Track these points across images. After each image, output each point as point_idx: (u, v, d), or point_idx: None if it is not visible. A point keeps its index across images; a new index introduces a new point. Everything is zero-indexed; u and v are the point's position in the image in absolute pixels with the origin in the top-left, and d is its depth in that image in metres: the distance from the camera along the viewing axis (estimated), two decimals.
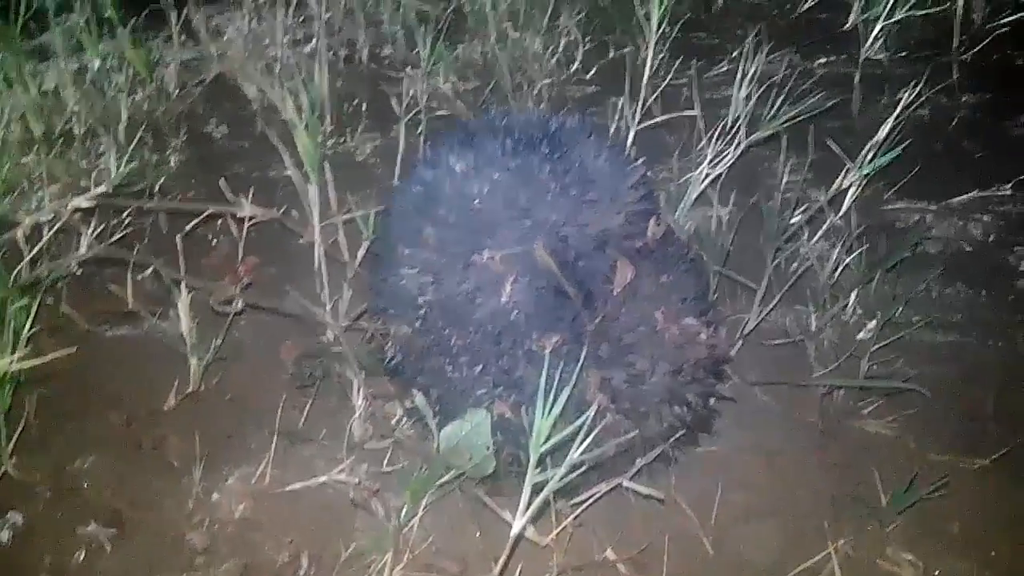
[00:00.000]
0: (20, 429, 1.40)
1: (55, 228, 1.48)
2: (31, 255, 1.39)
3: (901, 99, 1.67)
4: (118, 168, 1.63)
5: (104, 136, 1.93)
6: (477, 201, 1.25)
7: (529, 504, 0.96)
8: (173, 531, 1.30)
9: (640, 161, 1.35)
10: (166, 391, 1.48)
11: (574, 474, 0.97)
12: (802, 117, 1.63)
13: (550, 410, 0.95)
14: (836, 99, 2.00)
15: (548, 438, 0.94)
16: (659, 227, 1.28)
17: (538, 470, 0.95)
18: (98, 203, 1.32)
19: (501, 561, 1.01)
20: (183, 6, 2.37)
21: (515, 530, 0.96)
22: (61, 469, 1.39)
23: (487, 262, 1.20)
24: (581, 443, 0.93)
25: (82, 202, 1.18)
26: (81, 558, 1.27)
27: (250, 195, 1.34)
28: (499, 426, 1.22)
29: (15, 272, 1.42)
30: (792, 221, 1.57)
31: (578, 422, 0.95)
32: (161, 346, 1.50)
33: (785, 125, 1.64)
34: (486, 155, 1.28)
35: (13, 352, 1.33)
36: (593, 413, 0.99)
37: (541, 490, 0.96)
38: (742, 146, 1.67)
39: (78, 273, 1.70)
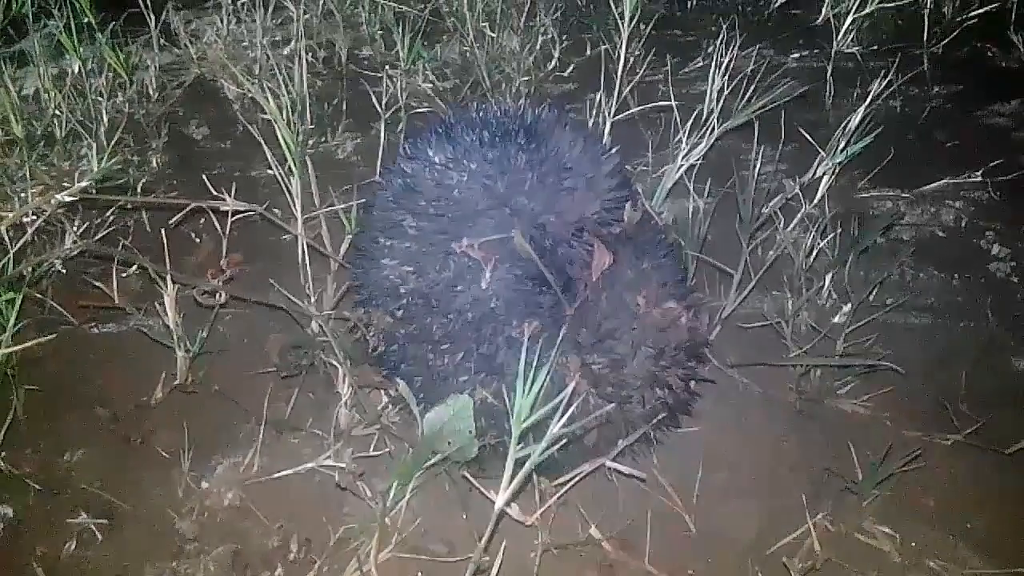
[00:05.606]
0: (8, 424, 1.41)
1: (39, 224, 1.49)
2: (15, 250, 1.39)
3: (873, 90, 1.71)
4: (99, 165, 1.64)
5: (86, 138, 1.94)
6: (457, 191, 1.27)
7: (512, 478, 0.98)
8: (163, 521, 1.31)
9: (615, 150, 1.38)
10: (153, 385, 1.50)
11: (554, 448, 0.98)
12: (773, 105, 1.67)
13: (530, 389, 0.97)
14: (808, 91, 2.04)
15: (528, 416, 0.96)
16: (635, 212, 1.30)
17: (520, 446, 0.97)
18: (81, 198, 1.33)
19: (486, 535, 1.02)
20: (162, 10, 2.39)
21: (498, 504, 0.98)
22: (51, 463, 1.40)
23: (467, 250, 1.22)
24: (560, 418, 0.95)
25: (64, 197, 1.19)
26: (72, 548, 1.28)
27: (232, 193, 1.36)
28: (482, 411, 1.24)
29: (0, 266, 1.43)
30: (767, 209, 1.60)
31: (557, 399, 0.97)
32: (147, 341, 1.51)
33: (757, 114, 1.67)
34: (464, 146, 1.31)
35: None
36: (572, 392, 1.01)
37: (523, 465, 0.97)
38: (716, 133, 1.69)
39: (64, 271, 1.71)
